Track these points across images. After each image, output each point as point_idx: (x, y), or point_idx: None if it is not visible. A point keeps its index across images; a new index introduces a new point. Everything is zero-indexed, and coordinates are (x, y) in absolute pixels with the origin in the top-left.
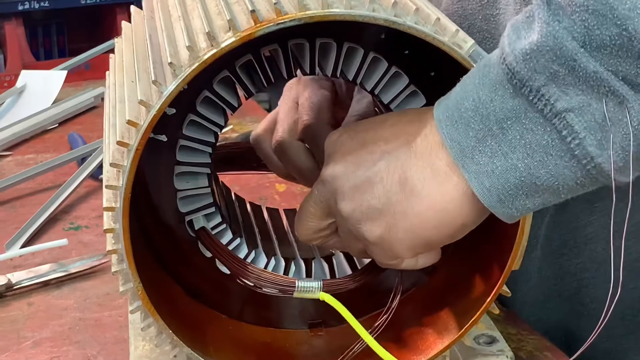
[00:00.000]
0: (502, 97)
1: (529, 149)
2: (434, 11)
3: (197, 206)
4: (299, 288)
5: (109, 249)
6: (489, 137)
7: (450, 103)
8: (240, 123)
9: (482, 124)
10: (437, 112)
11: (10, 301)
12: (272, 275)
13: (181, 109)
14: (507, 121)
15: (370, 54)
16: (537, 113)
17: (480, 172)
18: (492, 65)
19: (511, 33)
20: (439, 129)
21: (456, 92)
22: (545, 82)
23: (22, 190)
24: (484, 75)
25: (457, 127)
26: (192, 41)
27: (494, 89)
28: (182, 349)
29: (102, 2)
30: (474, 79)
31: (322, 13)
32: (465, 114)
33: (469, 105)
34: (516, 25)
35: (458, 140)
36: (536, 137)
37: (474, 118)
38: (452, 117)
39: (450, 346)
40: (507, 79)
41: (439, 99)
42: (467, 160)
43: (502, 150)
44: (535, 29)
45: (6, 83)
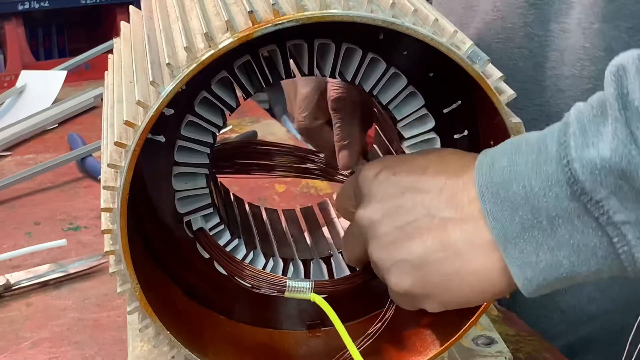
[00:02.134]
0: (557, 196)
1: (576, 248)
2: (432, 12)
3: (195, 207)
4: (290, 288)
5: (107, 250)
6: (537, 229)
7: (495, 177)
8: (240, 123)
9: (531, 214)
10: (480, 183)
11: (8, 301)
12: (267, 276)
13: (179, 109)
14: (559, 219)
15: (368, 54)
16: (591, 219)
17: (523, 262)
18: (549, 156)
19: (578, 132)
20: (481, 203)
21: (502, 165)
22: (607, 195)
23: (22, 190)
24: (538, 163)
25: (502, 208)
26: (190, 42)
27: (550, 184)
28: (180, 349)
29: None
30: (526, 160)
31: (320, 14)
32: (514, 198)
33: (518, 191)
34: (583, 122)
35: (502, 222)
36: (586, 238)
37: (522, 206)
38: (497, 195)
39: (448, 347)
40: (567, 182)
41: (479, 159)
42: (510, 246)
43: (548, 245)
44: (607, 139)
45: (6, 83)
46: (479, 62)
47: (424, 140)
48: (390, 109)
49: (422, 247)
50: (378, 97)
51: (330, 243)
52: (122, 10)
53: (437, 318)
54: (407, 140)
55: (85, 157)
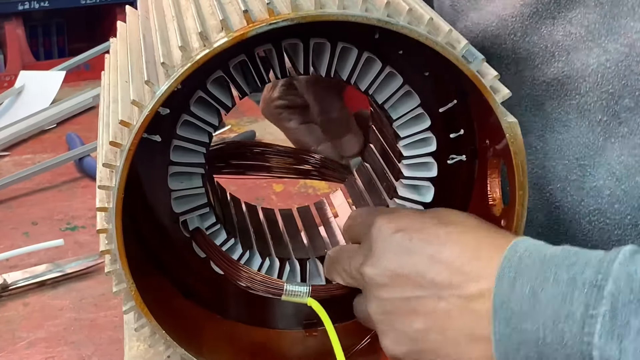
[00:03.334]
0: (567, 356)
1: None
2: (427, 11)
3: (192, 206)
4: (287, 292)
5: (102, 250)
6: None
7: (513, 302)
8: (238, 123)
9: (537, 356)
10: (496, 297)
11: (5, 301)
12: (264, 278)
13: (175, 109)
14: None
15: (364, 54)
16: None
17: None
18: (571, 316)
19: (607, 316)
20: (492, 320)
21: (524, 293)
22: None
23: (20, 190)
24: (558, 314)
25: (510, 337)
26: (184, 41)
27: (564, 343)
28: (176, 349)
29: (102, 2)
30: (547, 306)
31: (315, 13)
32: (525, 334)
33: (531, 330)
34: (617, 302)
35: (506, 348)
36: None
37: (531, 346)
38: (509, 320)
39: None
40: (581, 353)
41: (502, 267)
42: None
43: None
44: (633, 341)
45: (6, 83)
46: (474, 62)
47: (420, 139)
48: (386, 108)
49: (423, 326)
50: (374, 96)
51: (326, 242)
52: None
53: None
54: (403, 139)
55: (83, 157)
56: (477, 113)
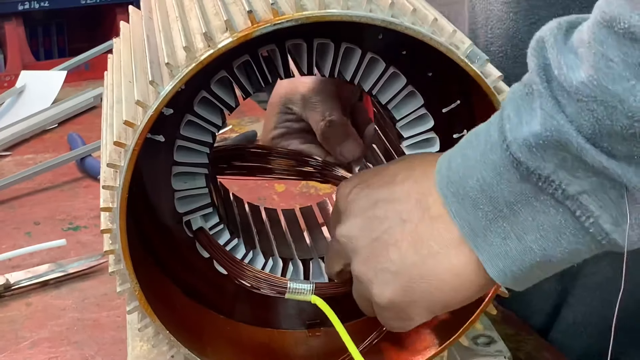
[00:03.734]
0: (508, 181)
1: (542, 230)
2: (431, 12)
3: (195, 206)
4: (291, 289)
5: (106, 250)
6: (500, 218)
7: (452, 176)
8: (239, 123)
9: (491, 206)
10: (440, 184)
11: (8, 301)
12: (268, 276)
13: (179, 109)
14: (517, 204)
15: (367, 54)
16: (547, 196)
17: (493, 254)
18: (493, 144)
19: (512, 114)
20: (445, 205)
21: (457, 163)
22: (554, 169)
23: (21, 190)
24: (485, 153)
25: (464, 206)
26: (189, 42)
27: (499, 172)
28: (180, 349)
29: (102, 2)
30: (475, 154)
31: (319, 14)
32: (472, 193)
33: (473, 185)
34: (516, 101)
35: (467, 219)
36: (549, 218)
37: (481, 199)
38: (457, 193)
39: (448, 347)
40: (513, 165)
41: (439, 161)
42: (479, 240)
43: (515, 232)
44: (537, 116)
45: (6, 83)
46: (477, 62)
47: (423, 139)
48: (390, 108)
49: (398, 253)
50: (377, 96)
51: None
52: (122, 10)
53: (436, 317)
54: (407, 139)
55: (85, 157)
56: (481, 113)
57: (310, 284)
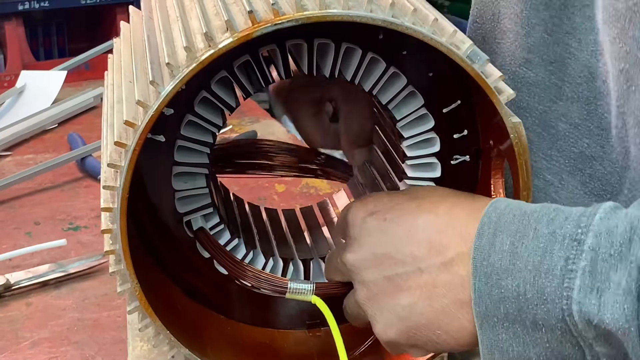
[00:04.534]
0: (548, 311)
1: (550, 352)
2: (432, 12)
3: (195, 206)
4: (291, 289)
5: (107, 250)
6: (519, 324)
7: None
8: (239, 123)
9: (517, 312)
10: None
11: (8, 301)
12: (267, 276)
13: (179, 109)
14: (543, 327)
15: (368, 54)
16: (574, 339)
17: (495, 345)
18: (550, 272)
19: (587, 272)
20: (472, 278)
21: (503, 250)
22: (594, 339)
23: (22, 190)
24: (538, 270)
25: (490, 293)
26: (189, 42)
27: (544, 298)
28: (180, 349)
29: (102, 2)
30: (527, 261)
31: (319, 14)
32: (505, 291)
33: (511, 287)
34: (597, 258)
35: (487, 305)
36: (562, 348)
37: (511, 302)
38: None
39: None
40: (561, 310)
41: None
42: (487, 327)
43: (524, 340)
44: (613, 299)
45: (6, 83)
46: (478, 62)
47: (424, 139)
48: (390, 108)
49: (409, 301)
50: (378, 96)
51: (330, 243)
52: (122, 10)
53: None
54: (407, 139)
55: (85, 157)
56: (481, 113)
57: (310, 284)
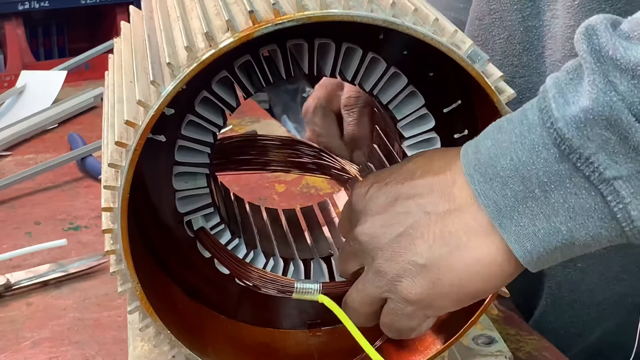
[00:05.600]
0: (545, 161)
1: (572, 212)
2: (432, 12)
3: (196, 206)
4: (298, 289)
5: (108, 250)
6: (530, 198)
7: (482, 158)
8: (240, 123)
9: (522, 185)
10: (467, 167)
11: (9, 301)
12: (272, 276)
13: (180, 109)
14: (551, 184)
15: (369, 54)
16: (582, 178)
17: (520, 234)
18: (532, 125)
19: (557, 95)
20: (471, 185)
21: (487, 146)
22: (596, 150)
23: (22, 190)
24: (522, 134)
25: (492, 185)
26: (190, 42)
27: (536, 151)
28: (181, 349)
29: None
30: (510, 135)
31: (320, 14)
32: (502, 172)
33: (506, 164)
34: (560, 85)
35: (494, 199)
36: (580, 200)
37: (512, 178)
38: (485, 173)
39: (448, 347)
40: (554, 143)
41: (464, 148)
42: (505, 221)
43: (544, 213)
44: (586, 93)
45: (6, 83)
46: (479, 62)
47: (424, 139)
48: (391, 108)
49: (426, 246)
50: (378, 96)
51: (330, 242)
52: (122, 10)
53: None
54: (408, 139)
55: (85, 157)
56: (482, 113)
57: (317, 283)
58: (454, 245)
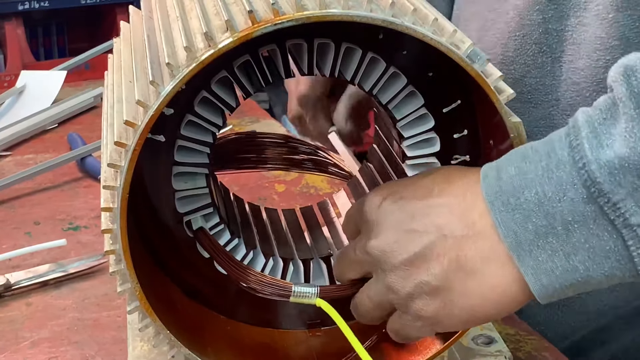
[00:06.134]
0: (572, 200)
1: (591, 253)
2: (432, 11)
3: (195, 206)
4: (295, 293)
5: (107, 250)
6: (551, 235)
7: (504, 186)
8: (239, 123)
9: (545, 221)
10: (488, 193)
11: (8, 301)
12: (270, 279)
13: (179, 109)
14: (574, 224)
15: (368, 54)
16: (607, 221)
17: (538, 269)
18: (561, 161)
19: (590, 135)
20: (491, 213)
21: (510, 174)
22: (625, 196)
23: (22, 190)
24: (549, 168)
25: (513, 216)
26: (189, 41)
27: (564, 188)
28: (180, 349)
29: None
30: (536, 167)
31: (319, 13)
32: (526, 205)
33: (530, 197)
34: (594, 125)
35: (515, 230)
36: (600, 242)
37: (536, 212)
38: (507, 203)
39: (448, 347)
40: (583, 185)
41: (484, 170)
42: (524, 254)
43: (564, 250)
44: (622, 138)
45: (6, 83)
46: (478, 62)
47: (424, 139)
48: (390, 108)
49: (440, 269)
50: (378, 96)
51: (330, 243)
52: (122, 10)
53: None
54: (407, 139)
55: (85, 157)
56: (481, 113)
57: (314, 287)
58: (470, 271)
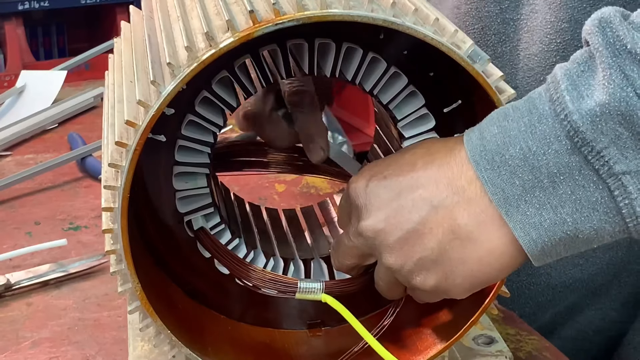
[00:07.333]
0: (556, 152)
1: (578, 204)
2: (432, 11)
3: (196, 206)
4: (301, 289)
5: (108, 250)
6: (538, 188)
7: (488, 145)
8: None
9: (531, 175)
10: (472, 153)
11: (9, 301)
12: (274, 276)
13: (180, 109)
14: (560, 176)
15: (369, 54)
16: (592, 171)
17: (526, 223)
18: (543, 115)
19: (570, 87)
20: (477, 172)
21: (493, 133)
22: (608, 144)
23: (22, 190)
24: (531, 123)
25: (499, 173)
26: (190, 41)
27: (548, 141)
28: (181, 349)
29: (102, 2)
30: (518, 124)
31: (320, 13)
32: (511, 161)
33: (515, 153)
34: (572, 77)
35: (502, 187)
36: (587, 193)
37: (521, 167)
38: (492, 161)
39: (449, 347)
40: (567, 136)
41: (466, 134)
42: (512, 209)
43: (551, 203)
44: (601, 86)
45: (6, 83)
46: (479, 62)
47: (425, 139)
48: (391, 108)
49: (436, 242)
50: (378, 96)
51: (330, 242)
52: (122, 10)
53: (437, 317)
54: (408, 139)
55: (85, 156)
56: (482, 113)
57: (320, 282)
58: (465, 238)
